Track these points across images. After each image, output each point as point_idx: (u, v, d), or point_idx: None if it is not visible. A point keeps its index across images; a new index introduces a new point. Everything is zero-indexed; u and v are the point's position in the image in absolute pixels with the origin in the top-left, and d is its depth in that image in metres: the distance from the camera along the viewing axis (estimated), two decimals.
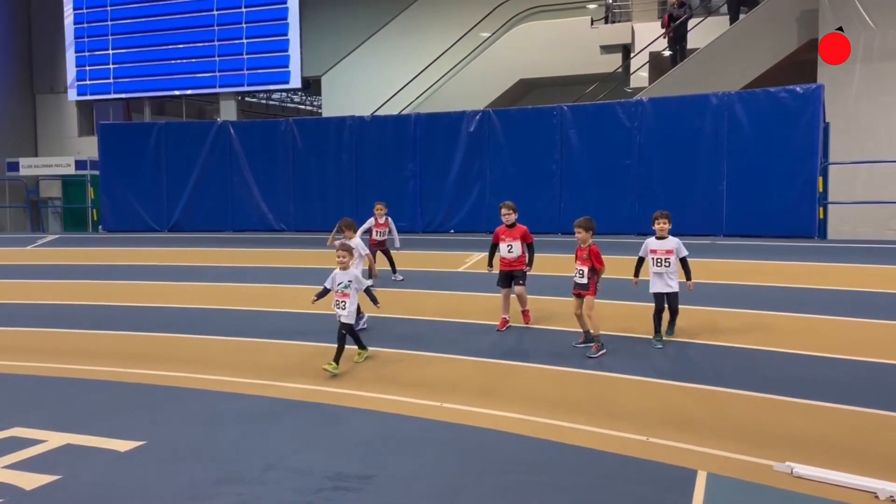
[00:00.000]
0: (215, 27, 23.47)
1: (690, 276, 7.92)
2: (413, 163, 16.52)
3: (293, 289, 11.20)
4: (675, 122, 14.37)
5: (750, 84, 16.12)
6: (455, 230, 16.22)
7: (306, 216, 17.27)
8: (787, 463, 4.87)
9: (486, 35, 21.26)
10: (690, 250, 8.03)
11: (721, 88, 14.50)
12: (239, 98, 24.95)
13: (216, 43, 23.50)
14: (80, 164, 23.31)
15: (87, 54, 24.97)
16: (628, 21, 20.44)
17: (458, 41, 20.97)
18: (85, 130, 25.84)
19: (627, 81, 19.91)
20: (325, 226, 14.24)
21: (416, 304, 10.24)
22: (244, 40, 23.22)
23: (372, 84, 21.75)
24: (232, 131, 17.85)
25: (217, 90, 23.91)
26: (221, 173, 17.83)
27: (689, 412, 6.08)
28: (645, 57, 18.86)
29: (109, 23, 24.59)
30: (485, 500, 4.59)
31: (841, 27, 14.86)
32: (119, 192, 18.53)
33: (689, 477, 4.78)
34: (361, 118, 17.23)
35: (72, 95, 25.51)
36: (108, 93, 24.99)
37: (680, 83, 16.53)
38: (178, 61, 24.01)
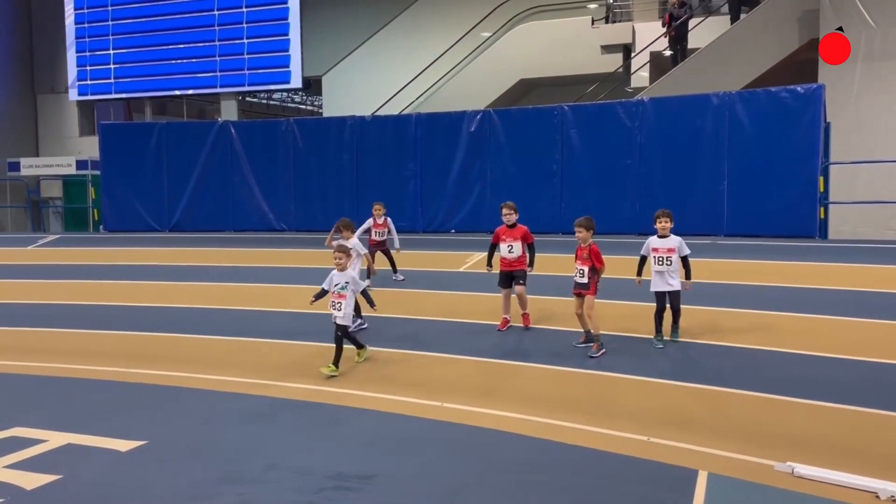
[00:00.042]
0: (216, 27, 23.47)
1: (690, 276, 7.91)
2: (414, 163, 16.51)
3: (294, 289, 11.20)
4: (676, 122, 14.35)
5: (751, 84, 16.11)
6: (456, 230, 16.22)
7: (307, 216, 17.26)
8: (789, 463, 4.87)
9: (487, 35, 21.26)
10: (691, 250, 8.02)
11: (722, 88, 14.48)
12: (240, 98, 24.97)
13: (217, 43, 23.50)
14: (81, 164, 23.33)
15: (88, 54, 24.98)
16: (629, 21, 20.44)
17: (459, 41, 20.97)
18: (86, 130, 25.85)
19: (628, 81, 19.91)
20: (326, 226, 14.15)
21: (417, 304, 10.25)
22: (245, 40, 23.22)
23: (373, 84, 21.76)
24: (233, 131, 17.85)
25: (218, 90, 23.92)
26: (222, 173, 17.82)
27: (690, 412, 6.08)
28: (646, 57, 18.86)
29: (110, 23, 24.60)
30: (486, 500, 4.59)
31: (841, 27, 14.84)
32: (120, 192, 18.53)
33: (690, 477, 4.78)
34: (362, 118, 17.22)
35: (73, 95, 25.52)
36: (109, 93, 25.00)
37: (681, 83, 16.52)
38: (179, 61, 24.01)
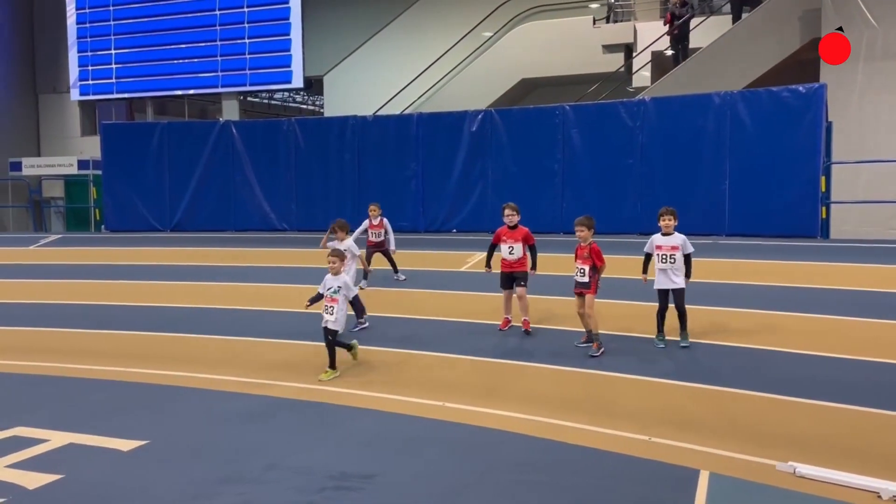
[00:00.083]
0: (217, 27, 23.47)
1: (690, 275, 7.89)
2: (415, 162, 16.50)
3: (295, 288, 11.18)
4: (678, 122, 14.34)
5: (752, 83, 16.08)
6: (457, 230, 16.21)
7: (308, 216, 17.25)
8: (790, 462, 4.87)
9: (488, 35, 21.25)
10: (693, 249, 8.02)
11: (723, 88, 14.47)
12: (241, 98, 24.97)
13: (218, 43, 23.50)
14: (83, 164, 23.35)
15: (90, 54, 24.98)
16: (630, 20, 20.44)
17: (460, 41, 20.95)
18: (87, 130, 25.86)
19: (629, 81, 19.89)
20: (327, 225, 14.10)
21: (418, 304, 10.23)
22: (246, 40, 23.23)
23: (374, 84, 21.75)
24: (234, 131, 17.85)
25: (219, 90, 23.92)
26: (224, 173, 17.81)
27: (692, 412, 6.08)
28: (647, 56, 18.84)
29: (112, 23, 24.60)
30: (487, 500, 4.59)
31: (841, 27, 14.82)
32: (121, 192, 18.53)
33: (692, 477, 4.78)
34: (363, 118, 17.22)
35: (74, 95, 25.52)
36: (111, 93, 25.00)
37: (682, 83, 16.51)
38: (181, 61, 24.02)
